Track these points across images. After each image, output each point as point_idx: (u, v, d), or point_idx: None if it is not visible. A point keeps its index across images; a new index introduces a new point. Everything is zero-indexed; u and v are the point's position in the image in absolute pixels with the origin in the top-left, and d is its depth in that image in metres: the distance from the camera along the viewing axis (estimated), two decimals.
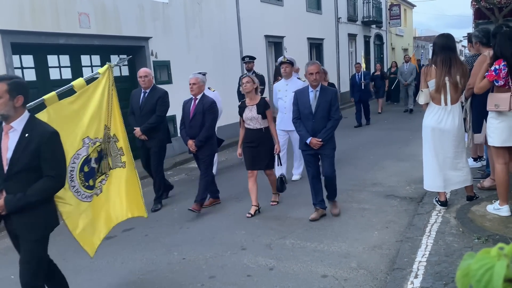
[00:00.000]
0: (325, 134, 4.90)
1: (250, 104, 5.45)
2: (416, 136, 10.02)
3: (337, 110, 4.98)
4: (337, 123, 5.01)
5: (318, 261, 4.06)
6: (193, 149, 5.77)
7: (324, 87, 5.08)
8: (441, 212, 4.76)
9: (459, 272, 0.71)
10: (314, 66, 4.93)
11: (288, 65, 6.61)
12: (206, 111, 5.72)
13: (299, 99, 5.04)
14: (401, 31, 29.99)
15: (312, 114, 4.93)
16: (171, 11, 9.77)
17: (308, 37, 16.36)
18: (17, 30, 6.71)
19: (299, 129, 5.04)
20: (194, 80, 5.78)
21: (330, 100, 4.92)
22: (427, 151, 4.80)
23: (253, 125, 5.45)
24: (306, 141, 4.95)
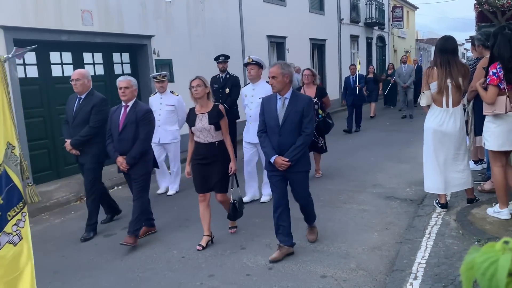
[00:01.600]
0: (293, 152, 3.95)
1: (200, 112, 4.52)
2: (417, 138, 10.01)
3: (310, 123, 4.02)
4: (309, 138, 4.08)
5: (317, 261, 4.06)
6: (124, 167, 4.75)
7: (296, 94, 4.14)
8: (441, 214, 4.76)
9: (464, 265, 0.72)
10: (273, 68, 4.01)
11: (254, 66, 5.73)
12: (140, 121, 4.70)
13: (265, 108, 4.13)
14: (403, 33, 29.97)
15: (279, 127, 3.98)
16: (174, 9, 9.77)
17: (310, 38, 16.36)
18: (20, 26, 6.71)
19: (263, 145, 4.12)
20: (125, 83, 4.75)
21: (302, 110, 3.96)
22: (428, 153, 4.79)
23: (203, 138, 4.49)
24: (270, 160, 4.04)
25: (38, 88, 7.43)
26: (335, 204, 5.69)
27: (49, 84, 7.56)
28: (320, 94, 6.83)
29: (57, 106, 7.50)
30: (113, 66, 8.83)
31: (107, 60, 8.69)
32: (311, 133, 4.10)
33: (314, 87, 6.79)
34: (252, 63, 5.75)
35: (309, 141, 4.12)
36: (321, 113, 6.82)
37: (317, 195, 6.09)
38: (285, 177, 4.13)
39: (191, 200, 6.20)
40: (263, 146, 4.15)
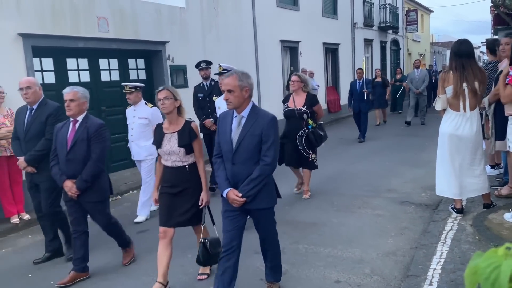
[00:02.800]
0: (247, 186, 3.18)
1: (169, 130, 3.77)
2: (432, 143, 9.90)
3: (270, 149, 3.18)
4: (268, 169, 3.23)
5: (331, 266, 4.05)
6: (73, 193, 3.99)
7: (256, 111, 3.28)
8: (457, 219, 4.71)
9: (468, 270, 0.73)
10: (229, 80, 3.20)
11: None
12: (91, 138, 4.02)
13: (220, 127, 3.37)
14: (418, 36, 29.76)
15: (232, 152, 3.23)
16: (188, 15, 9.87)
17: (323, 42, 16.35)
18: (38, 33, 6.85)
19: (216, 174, 3.37)
20: (71, 96, 4.00)
21: (260, 134, 3.16)
22: (443, 158, 4.75)
23: (171, 161, 3.75)
24: (222, 193, 3.29)
25: (55, 94, 7.54)
26: (349, 209, 5.67)
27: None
28: (310, 102, 6.09)
29: None
30: (129, 72, 8.94)
31: (123, 66, 8.80)
32: (272, 162, 3.21)
33: (303, 95, 6.13)
34: (223, 72, 5.06)
35: (268, 173, 3.24)
36: (311, 123, 6.09)
37: (331, 200, 6.09)
38: (244, 213, 3.37)
39: None
40: (216, 176, 3.39)
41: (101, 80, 8.38)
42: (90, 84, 8.16)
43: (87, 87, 8.08)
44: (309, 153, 6.12)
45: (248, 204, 3.24)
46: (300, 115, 6.02)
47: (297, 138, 6.03)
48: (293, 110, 6.05)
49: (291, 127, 6.14)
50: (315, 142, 6.09)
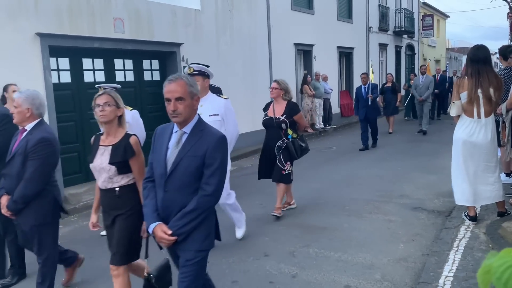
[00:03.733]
0: (179, 222, 2.49)
1: (104, 143, 3.15)
2: (446, 149, 9.79)
3: (214, 176, 2.49)
4: (209, 202, 2.52)
5: (341, 271, 4.02)
6: (5, 212, 3.45)
7: (202, 127, 2.60)
8: (470, 227, 4.65)
9: (481, 270, 0.73)
10: (175, 85, 2.53)
11: (198, 77, 4.42)
12: (28, 153, 3.34)
13: (155, 144, 2.69)
14: (433, 41, 29.50)
15: (165, 176, 2.55)
16: (203, 17, 9.92)
17: (338, 46, 16.31)
18: (55, 33, 6.95)
19: (144, 202, 2.68)
20: (20, 101, 3.42)
21: (203, 155, 2.49)
22: (457, 164, 4.70)
23: (102, 181, 3.11)
24: (148, 228, 2.61)
25: (71, 93, 7.66)
26: (360, 214, 5.63)
27: (81, 89, 7.79)
28: (290, 111, 5.55)
29: (88, 111, 7.69)
30: (143, 72, 9.02)
31: (137, 66, 8.88)
32: (215, 193, 2.51)
33: (283, 103, 5.59)
34: (194, 73, 4.47)
35: (207, 206, 2.52)
36: (291, 133, 5.58)
37: (343, 205, 6.06)
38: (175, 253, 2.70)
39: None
40: (143, 205, 2.69)
41: (116, 80, 8.46)
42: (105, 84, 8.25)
43: None
44: (284, 165, 5.54)
45: (177, 244, 2.52)
46: (278, 124, 5.50)
47: (276, 149, 5.51)
48: (272, 119, 5.55)
49: (269, 137, 5.64)
50: (294, 153, 5.56)
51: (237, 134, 4.71)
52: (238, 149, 10.83)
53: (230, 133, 4.49)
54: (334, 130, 14.48)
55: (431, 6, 29.44)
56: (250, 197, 6.67)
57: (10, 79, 5.71)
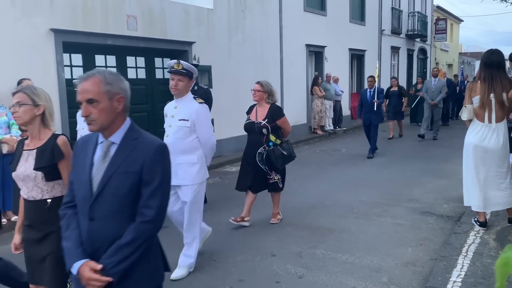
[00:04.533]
0: (114, 258, 1.92)
1: (29, 147, 2.71)
2: (456, 154, 9.72)
3: (155, 197, 1.96)
4: (150, 229, 1.98)
5: (348, 273, 4.01)
6: None
7: (136, 136, 2.04)
8: (479, 232, 4.60)
9: (499, 261, 0.73)
10: (87, 84, 2.01)
11: (184, 77, 3.91)
12: None
13: (75, 159, 2.13)
14: (446, 46, 29.29)
15: (90, 200, 1.98)
16: (215, 17, 9.95)
17: (349, 48, 16.25)
18: (69, 29, 7.02)
19: (64, 234, 2.06)
20: None
21: (139, 170, 1.96)
22: (468, 169, 4.66)
23: (28, 191, 2.65)
24: (70, 268, 1.97)
25: None
26: (369, 217, 5.61)
27: None
28: (272, 115, 5.16)
29: None
30: (155, 70, 9.08)
31: (149, 64, 8.94)
32: (157, 218, 1.97)
33: (266, 107, 5.22)
34: (181, 72, 3.90)
35: (150, 234, 1.99)
36: (273, 139, 5.15)
37: (351, 207, 6.04)
38: None
39: (224, 206, 6.26)
40: (63, 238, 2.06)
41: (127, 77, 8.52)
42: None
43: None
44: (270, 174, 5.24)
45: (115, 287, 1.93)
46: (259, 129, 5.14)
47: (257, 156, 5.16)
48: (253, 124, 5.19)
49: (250, 143, 5.29)
50: (275, 162, 5.11)
51: (212, 145, 4.08)
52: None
53: (204, 143, 3.99)
54: (343, 132, 14.44)
55: (444, 10, 29.23)
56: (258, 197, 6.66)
57: (24, 74, 5.78)
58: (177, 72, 3.89)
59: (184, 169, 3.88)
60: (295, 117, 13.11)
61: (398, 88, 12.74)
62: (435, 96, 12.07)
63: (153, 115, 8.87)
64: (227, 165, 9.45)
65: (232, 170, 9.02)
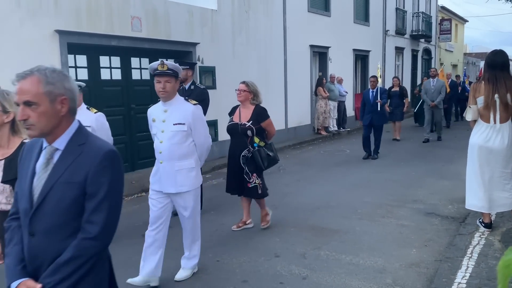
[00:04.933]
0: (53, 278, 1.74)
1: None
2: (461, 155, 9.69)
3: (100, 211, 1.77)
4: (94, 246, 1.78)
5: (352, 274, 4.00)
6: None
7: (82, 139, 1.84)
8: (484, 234, 4.58)
9: (501, 263, 0.73)
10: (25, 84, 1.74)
11: (170, 78, 3.63)
12: None
13: (20, 165, 1.94)
14: (451, 46, 29.18)
15: (30, 212, 1.80)
16: (219, 18, 9.96)
17: (354, 49, 16.23)
18: (74, 31, 7.05)
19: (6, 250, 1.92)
20: None
21: (82, 180, 1.76)
22: (472, 170, 4.64)
23: None
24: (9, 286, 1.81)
25: (87, 90, 7.74)
26: (373, 218, 5.60)
27: (98, 86, 7.88)
28: (257, 117, 5.01)
29: (104, 108, 7.79)
30: None
31: None
32: (102, 234, 1.79)
33: (251, 108, 5.05)
34: (167, 72, 3.60)
35: (93, 252, 1.79)
36: (258, 141, 5.03)
37: (355, 208, 6.02)
38: None
39: (227, 204, 6.27)
40: (5, 254, 1.92)
41: (132, 78, 8.55)
42: (121, 82, 8.35)
43: (118, 84, 8.31)
44: (250, 177, 5.00)
45: None
46: (243, 131, 4.96)
47: (241, 159, 4.97)
48: (237, 125, 5.00)
49: (234, 146, 5.09)
50: (261, 163, 4.97)
51: (208, 146, 3.99)
52: None
53: (200, 146, 3.87)
54: (348, 133, 14.41)
55: (449, 10, 29.13)
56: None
57: None
58: (162, 73, 3.63)
59: (184, 175, 3.74)
60: (299, 117, 13.11)
61: (400, 88, 12.40)
62: (434, 97, 11.71)
63: None
64: None
65: None
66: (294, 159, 10.13)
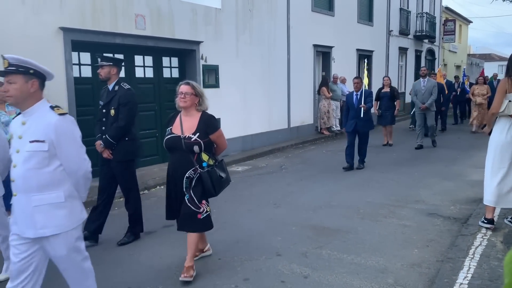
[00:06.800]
0: None
1: None
2: (463, 156, 9.68)
3: None
4: None
5: (354, 273, 4.00)
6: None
7: None
8: (486, 235, 4.58)
9: (507, 258, 0.73)
10: None
11: (17, 77, 2.63)
12: None
13: None
14: (454, 47, 29.12)
15: None
16: (223, 16, 9.97)
17: (357, 49, 16.21)
18: (78, 28, 7.07)
19: None
20: None
21: None
22: (491, 164, 4.68)
23: None
24: None
25: (91, 87, 7.77)
26: (375, 218, 5.59)
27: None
28: (206, 127, 3.90)
29: None
30: (163, 69, 9.11)
31: (157, 63, 8.97)
32: None
33: (197, 115, 3.95)
34: (11, 70, 2.63)
35: None
36: (207, 159, 3.91)
37: (357, 207, 6.02)
38: None
39: (229, 203, 6.28)
40: None
41: (135, 76, 8.56)
42: (124, 80, 8.33)
43: None
44: (199, 206, 3.88)
45: None
46: (188, 146, 3.83)
47: (184, 181, 3.86)
48: (179, 139, 3.86)
49: (175, 164, 3.92)
50: (211, 188, 3.90)
51: (85, 173, 2.81)
52: (253, 149, 10.86)
53: (72, 173, 2.75)
54: None
55: (453, 11, 29.07)
56: (264, 197, 6.69)
57: None
58: (4, 72, 2.64)
59: (45, 213, 2.64)
60: (301, 117, 13.11)
61: (391, 89, 11.31)
62: (425, 99, 10.75)
63: (160, 114, 8.90)
64: (234, 164, 9.46)
65: (238, 169, 9.04)
66: (296, 158, 10.14)
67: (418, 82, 11.22)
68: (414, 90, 11.09)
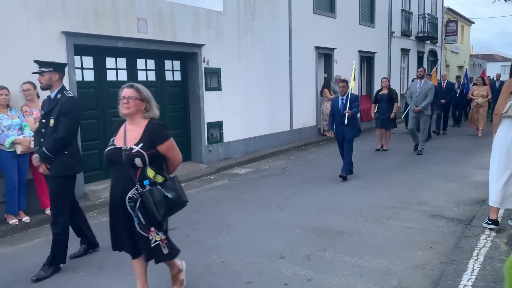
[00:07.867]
0: None
1: None
2: (467, 157, 9.66)
3: None
4: None
5: (357, 276, 4.00)
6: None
7: None
8: (490, 236, 4.56)
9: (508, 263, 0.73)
10: None
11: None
12: None
13: None
14: (457, 48, 29.07)
15: None
16: (225, 19, 9.99)
17: (359, 50, 16.20)
18: (80, 32, 7.09)
19: None
20: None
21: None
22: (495, 165, 4.67)
23: None
24: None
25: (94, 91, 7.79)
26: (378, 220, 5.58)
27: (104, 87, 7.92)
28: (152, 137, 3.26)
29: (110, 109, 7.83)
30: (165, 73, 9.12)
31: (159, 67, 8.99)
32: None
33: (142, 123, 3.34)
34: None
35: None
36: (152, 175, 3.23)
37: (360, 209, 6.01)
38: None
39: (233, 208, 6.28)
40: None
41: (138, 79, 8.58)
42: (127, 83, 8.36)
43: None
44: (148, 231, 3.26)
45: None
46: (129, 159, 3.19)
47: (128, 203, 3.25)
48: (119, 151, 3.23)
49: (116, 182, 3.32)
50: (154, 211, 3.16)
51: None
52: (256, 152, 10.86)
53: None
54: None
55: (455, 11, 29.04)
56: (267, 199, 6.68)
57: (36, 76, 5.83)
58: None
59: None
60: (304, 119, 13.11)
61: (389, 91, 10.80)
62: (420, 101, 10.18)
63: (162, 117, 8.88)
64: (236, 167, 9.46)
65: (241, 172, 9.04)
66: (299, 160, 10.13)
67: (414, 83, 10.88)
68: (410, 92, 10.72)
